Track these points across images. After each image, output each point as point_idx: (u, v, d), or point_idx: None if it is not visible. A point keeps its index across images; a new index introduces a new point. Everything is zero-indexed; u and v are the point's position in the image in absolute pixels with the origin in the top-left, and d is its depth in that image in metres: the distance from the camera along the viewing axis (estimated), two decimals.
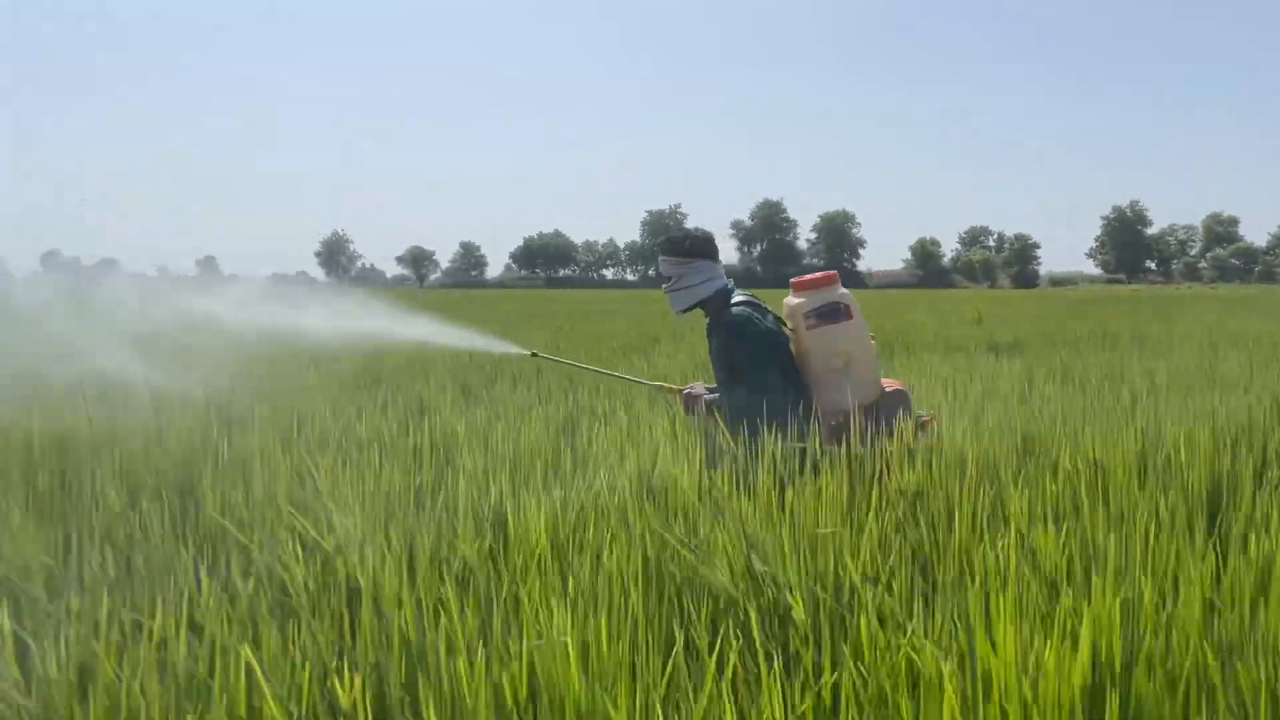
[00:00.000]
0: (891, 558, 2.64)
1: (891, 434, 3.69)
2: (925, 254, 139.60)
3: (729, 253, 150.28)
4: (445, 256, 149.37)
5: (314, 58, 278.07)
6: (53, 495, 3.39)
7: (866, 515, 2.82)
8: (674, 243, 4.22)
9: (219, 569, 2.64)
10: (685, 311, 4.26)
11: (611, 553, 2.59)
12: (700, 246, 4.19)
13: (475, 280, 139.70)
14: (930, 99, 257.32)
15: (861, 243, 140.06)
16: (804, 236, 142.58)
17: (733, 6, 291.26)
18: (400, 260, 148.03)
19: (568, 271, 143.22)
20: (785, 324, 4.17)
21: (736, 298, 4.16)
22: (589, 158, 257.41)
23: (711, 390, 4.22)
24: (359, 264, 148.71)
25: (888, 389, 4.09)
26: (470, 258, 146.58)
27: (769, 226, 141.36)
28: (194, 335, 6.15)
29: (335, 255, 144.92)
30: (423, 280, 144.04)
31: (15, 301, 5.54)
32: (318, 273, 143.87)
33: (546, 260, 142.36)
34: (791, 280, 4.12)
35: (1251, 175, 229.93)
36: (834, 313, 3.97)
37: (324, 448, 3.95)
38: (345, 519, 2.82)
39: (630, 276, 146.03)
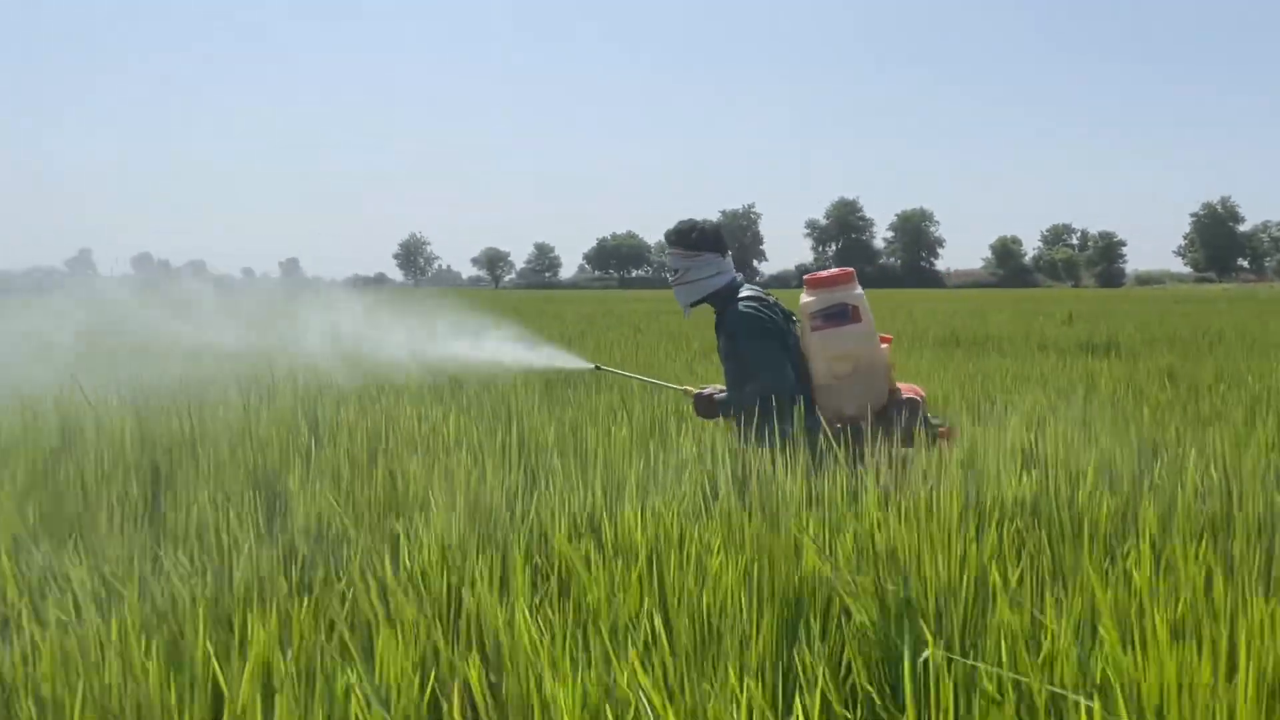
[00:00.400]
0: (1019, 572, 2.46)
1: (905, 441, 3.49)
2: (1005, 253, 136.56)
3: (804, 252, 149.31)
4: (520, 257, 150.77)
5: (394, 60, 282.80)
6: (147, 495, 3.37)
7: (989, 527, 2.65)
8: (680, 234, 4.02)
9: (309, 573, 2.58)
10: (693, 306, 4.07)
11: (719, 559, 2.46)
12: (707, 238, 3.99)
13: (549, 281, 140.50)
14: (1011, 94, 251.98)
15: (940, 242, 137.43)
16: (880, 235, 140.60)
17: (805, 4, 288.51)
18: (476, 261, 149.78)
19: (641, 272, 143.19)
20: (795, 321, 3.97)
21: (744, 292, 3.97)
22: (663, 158, 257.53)
23: (723, 391, 4.03)
24: (436, 265, 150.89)
25: (902, 394, 3.88)
26: (544, 259, 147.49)
27: (844, 226, 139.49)
28: (276, 338, 6.17)
29: (413, 257, 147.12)
30: (498, 281, 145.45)
31: (114, 302, 5.62)
32: (396, 274, 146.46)
33: (620, 261, 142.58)
34: (804, 276, 3.92)
35: None
36: (841, 314, 3.76)
37: (411, 449, 3.89)
38: (438, 521, 2.74)
39: None
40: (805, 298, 3.85)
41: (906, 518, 2.71)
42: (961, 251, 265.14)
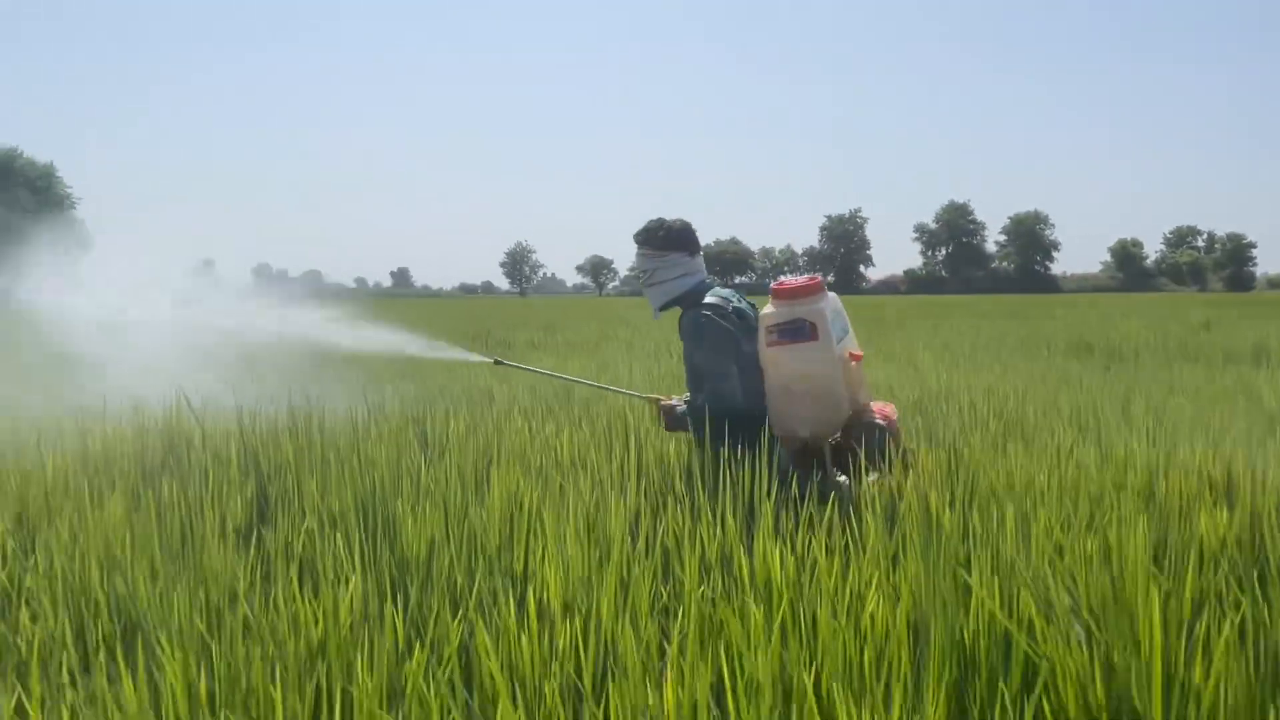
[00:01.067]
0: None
1: (874, 463, 3.33)
2: (1126, 256, 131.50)
3: (912, 256, 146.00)
4: (624, 265, 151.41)
5: (503, 69, 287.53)
6: (252, 516, 3.22)
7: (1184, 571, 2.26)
8: (647, 233, 3.87)
9: (420, 615, 2.35)
10: (662, 309, 3.92)
11: (875, 605, 2.15)
12: (676, 237, 3.84)
13: None
14: (1132, 92, 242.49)
15: (1055, 245, 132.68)
16: (992, 239, 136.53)
17: (914, 2, 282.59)
18: (580, 269, 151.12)
19: (744, 279, 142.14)
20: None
21: (708, 298, 3.79)
22: (766, 162, 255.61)
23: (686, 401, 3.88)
24: (541, 273, 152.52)
25: (870, 415, 3.68)
26: None
27: (954, 230, 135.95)
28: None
29: (519, 265, 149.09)
30: (601, 288, 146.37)
31: (235, 314, 5.57)
32: (502, 282, 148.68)
33: (723, 267, 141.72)
34: (771, 285, 3.68)
35: None
36: (797, 331, 3.53)
37: (525, 469, 3.66)
38: (558, 556, 2.48)
39: None
40: (767, 308, 3.64)
41: (1088, 560, 2.35)
42: (1078, 255, 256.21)
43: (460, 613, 2.28)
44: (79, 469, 3.50)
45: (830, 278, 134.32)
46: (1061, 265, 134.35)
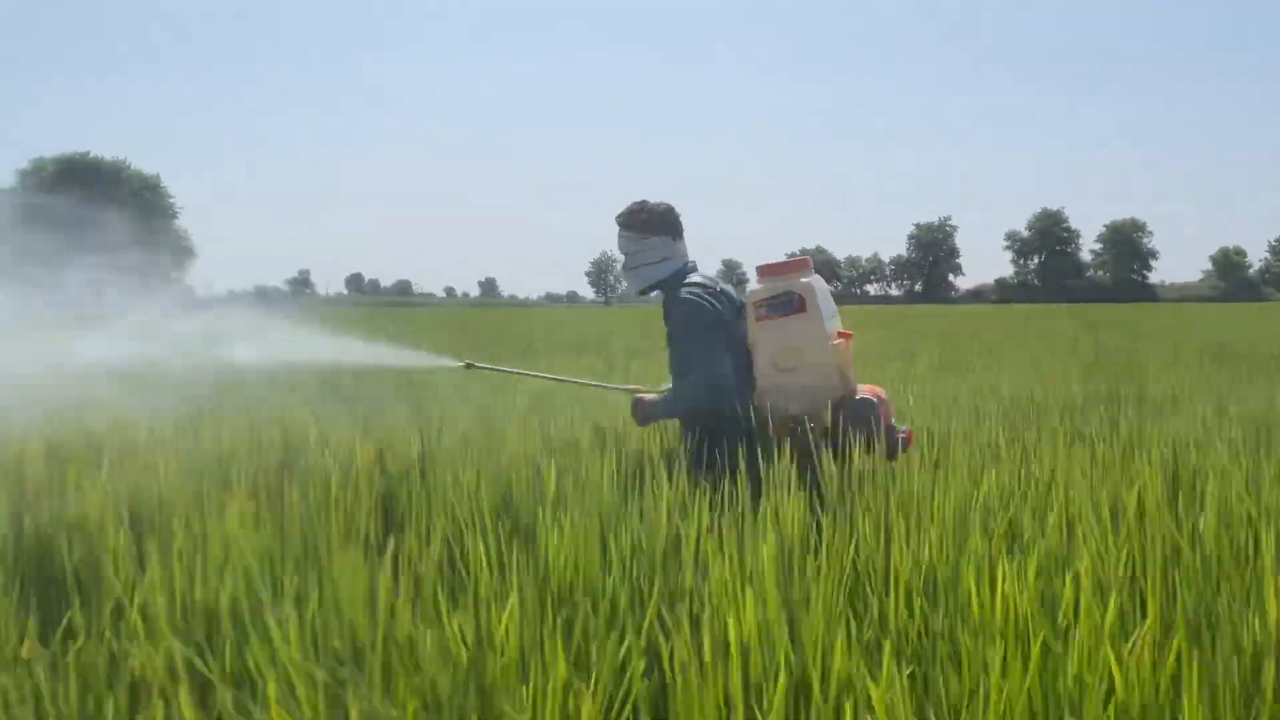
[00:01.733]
0: None
1: (865, 445, 3.19)
2: (1228, 264, 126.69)
3: (1003, 265, 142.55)
4: (708, 272, 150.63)
5: (597, 77, 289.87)
6: (377, 526, 2.93)
7: None
8: (629, 215, 3.81)
9: (572, 645, 2.01)
10: (641, 293, 3.89)
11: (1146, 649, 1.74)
12: (658, 220, 3.78)
13: None
14: (1233, 94, 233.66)
15: (1153, 254, 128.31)
16: (1088, 248, 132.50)
17: (1006, 5, 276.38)
18: None
19: (831, 288, 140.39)
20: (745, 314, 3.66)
21: (692, 278, 3.73)
22: (852, 169, 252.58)
23: (662, 393, 3.80)
24: (624, 283, 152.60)
25: (861, 394, 3.56)
26: (731, 275, 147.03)
27: (1048, 238, 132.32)
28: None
29: (603, 275, 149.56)
30: None
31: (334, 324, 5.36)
32: (587, 292, 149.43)
33: None
34: (757, 265, 3.63)
35: None
36: (786, 304, 3.49)
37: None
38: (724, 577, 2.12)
39: (894, 291, 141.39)
40: (753, 285, 3.61)
41: None
42: (1178, 264, 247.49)
43: (630, 641, 1.93)
44: (196, 470, 3.26)
45: (918, 286, 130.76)
46: (1160, 274, 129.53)
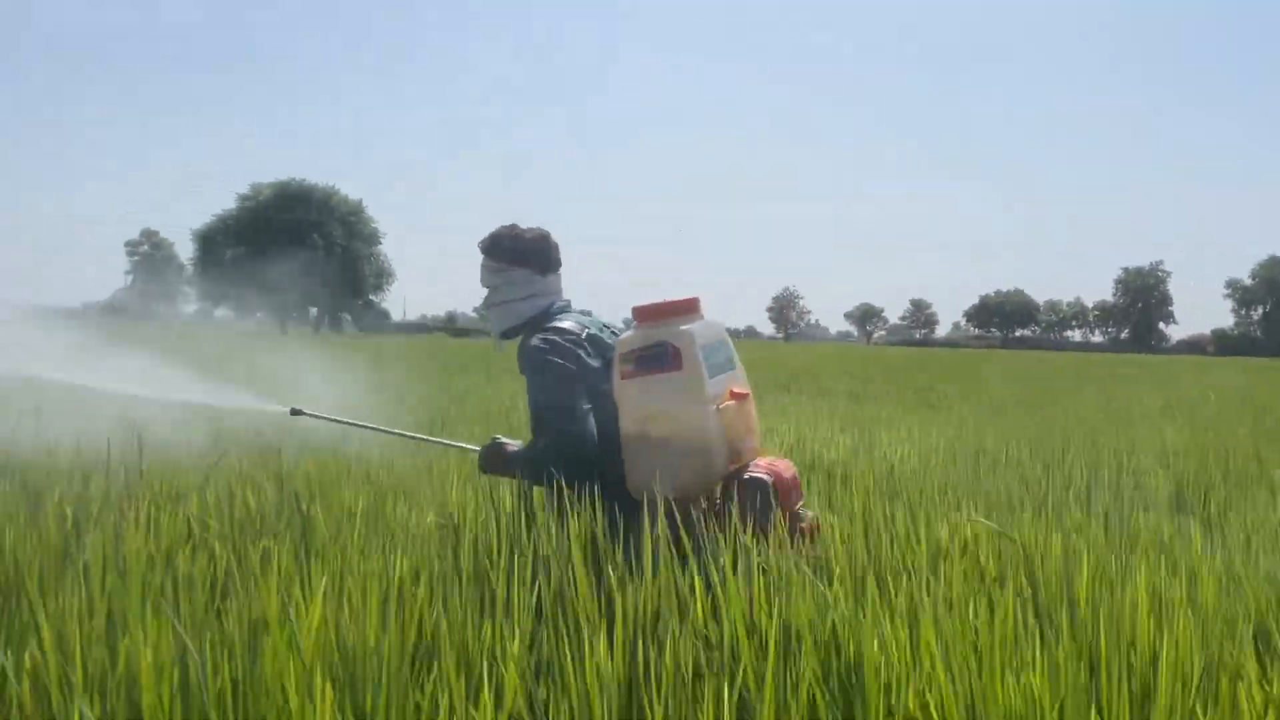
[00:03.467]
0: None
1: (760, 530, 2.65)
2: None
3: (1223, 315, 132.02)
4: (895, 313, 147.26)
5: (764, 109, 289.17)
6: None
7: None
8: (493, 240, 3.21)
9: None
10: (504, 337, 3.24)
11: None
12: (524, 250, 3.17)
13: (923, 339, 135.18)
14: None
15: None
16: None
17: (1220, 29, 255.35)
18: (849, 316, 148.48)
19: (1026, 331, 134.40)
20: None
21: (559, 321, 3.10)
22: (1056, 210, 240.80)
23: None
24: (805, 320, 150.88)
25: (754, 471, 2.89)
26: (920, 315, 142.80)
27: (1275, 287, 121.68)
28: None
29: (784, 311, 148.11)
30: (868, 338, 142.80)
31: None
32: (766, 327, 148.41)
33: (1003, 319, 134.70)
34: (633, 306, 2.98)
35: None
36: (657, 357, 2.82)
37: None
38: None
39: (1097, 339, 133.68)
40: (624, 334, 2.97)
41: None
42: None
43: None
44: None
45: (1124, 335, 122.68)
46: None
